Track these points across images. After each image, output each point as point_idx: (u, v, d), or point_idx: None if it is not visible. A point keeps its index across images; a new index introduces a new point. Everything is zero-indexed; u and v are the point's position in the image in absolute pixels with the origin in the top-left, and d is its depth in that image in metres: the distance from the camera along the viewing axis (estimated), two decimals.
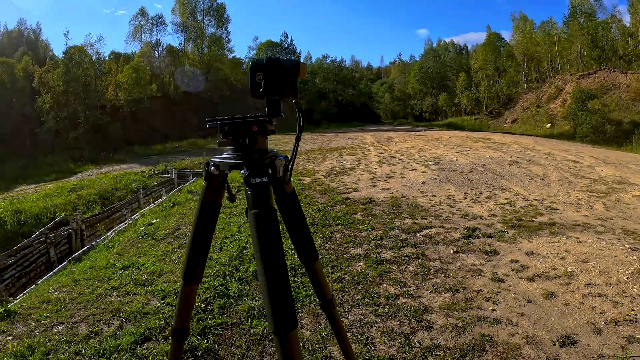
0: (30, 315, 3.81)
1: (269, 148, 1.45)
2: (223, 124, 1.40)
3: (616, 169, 11.55)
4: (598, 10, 47.92)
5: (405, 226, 6.35)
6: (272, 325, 1.19)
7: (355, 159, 14.06)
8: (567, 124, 36.26)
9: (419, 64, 69.84)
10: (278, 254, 1.24)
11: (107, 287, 4.40)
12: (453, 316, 3.66)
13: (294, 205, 1.53)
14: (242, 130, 1.39)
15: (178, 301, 1.61)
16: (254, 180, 1.32)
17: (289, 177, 1.46)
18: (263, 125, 1.38)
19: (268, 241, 1.25)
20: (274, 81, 1.35)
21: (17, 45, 53.01)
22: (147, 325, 3.48)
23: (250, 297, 3.98)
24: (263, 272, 1.22)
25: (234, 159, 1.40)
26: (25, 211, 15.81)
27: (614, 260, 4.83)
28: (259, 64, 1.36)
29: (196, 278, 1.53)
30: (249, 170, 1.34)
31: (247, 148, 1.39)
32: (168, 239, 6.23)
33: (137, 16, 52.70)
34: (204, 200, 1.49)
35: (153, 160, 28.28)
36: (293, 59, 1.38)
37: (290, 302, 1.22)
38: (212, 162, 1.45)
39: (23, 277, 10.03)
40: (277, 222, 1.30)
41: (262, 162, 1.37)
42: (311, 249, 1.58)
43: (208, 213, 1.50)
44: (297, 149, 1.42)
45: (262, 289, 1.22)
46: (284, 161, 1.43)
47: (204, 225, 1.49)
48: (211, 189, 1.48)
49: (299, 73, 1.37)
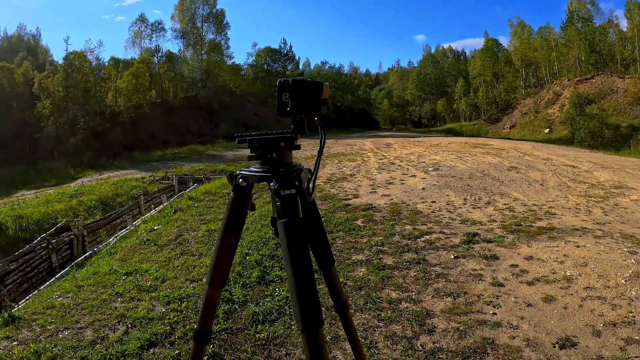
0: (35, 320, 3.84)
1: (293, 162, 1.54)
2: (252, 140, 1.49)
3: (614, 174, 11.62)
4: (595, 15, 48.40)
5: (405, 232, 6.40)
6: (301, 324, 1.28)
7: (355, 165, 14.11)
8: (565, 129, 36.44)
9: (418, 70, 70.14)
10: (305, 259, 1.34)
11: (111, 292, 4.43)
12: (455, 320, 3.72)
13: (314, 214, 1.64)
14: (270, 145, 1.48)
15: (202, 304, 1.67)
16: (283, 192, 1.41)
17: (313, 189, 1.55)
18: (290, 141, 1.48)
19: (297, 248, 1.34)
20: (300, 100, 1.45)
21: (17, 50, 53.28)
22: (152, 330, 3.52)
23: (254, 303, 4.03)
24: (292, 275, 1.31)
25: (263, 172, 1.49)
26: (26, 217, 15.85)
27: (612, 264, 4.89)
28: (286, 84, 1.45)
29: (222, 283, 1.62)
30: (278, 182, 1.43)
31: (275, 162, 1.49)
32: (171, 245, 6.27)
33: (136, 22, 53.20)
34: (232, 210, 1.56)
35: (153, 166, 28.30)
36: (316, 80, 1.47)
37: (317, 303, 1.30)
38: (240, 175, 1.53)
39: (25, 282, 10.06)
40: (304, 230, 1.40)
41: (290, 175, 1.47)
42: (328, 254, 1.68)
43: (235, 222, 1.57)
44: (320, 163, 1.50)
45: (291, 291, 1.31)
46: (308, 174, 1.53)
47: (231, 233, 1.57)
48: (239, 200, 1.56)
49: (322, 92, 1.48)
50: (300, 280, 1.30)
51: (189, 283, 4.60)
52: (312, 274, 1.32)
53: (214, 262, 1.59)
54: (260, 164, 1.51)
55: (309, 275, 1.32)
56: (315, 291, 1.31)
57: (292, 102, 1.44)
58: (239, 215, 1.57)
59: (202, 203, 9.13)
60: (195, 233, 6.76)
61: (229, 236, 1.57)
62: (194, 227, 7.16)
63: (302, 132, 1.48)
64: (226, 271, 1.61)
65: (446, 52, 73.01)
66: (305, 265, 1.33)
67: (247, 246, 5.70)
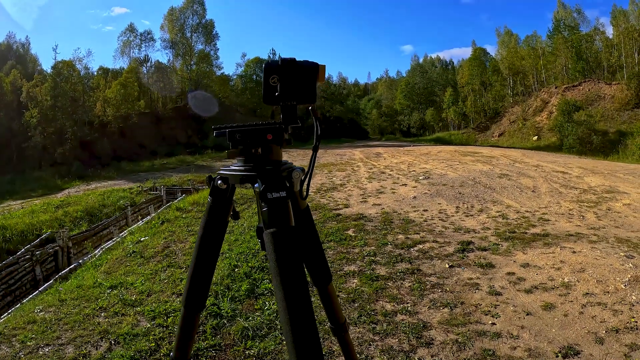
0: (15, 336, 3.66)
1: (283, 159, 1.29)
2: (233, 132, 1.24)
3: (605, 179, 11.65)
4: (581, 23, 49.17)
5: (398, 241, 6.28)
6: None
7: (345, 175, 14.01)
8: (553, 135, 36.76)
9: (406, 79, 70.57)
10: (300, 278, 1.09)
11: (95, 307, 4.25)
12: (453, 331, 3.59)
13: (308, 223, 1.38)
14: (255, 138, 1.23)
15: (178, 329, 1.40)
16: (270, 195, 1.16)
17: (307, 192, 1.31)
18: (279, 133, 1.23)
19: (288, 264, 1.09)
20: (291, 84, 1.20)
21: (5, 58, 52.76)
22: (137, 347, 3.35)
23: (243, 317, 3.87)
24: (283, 299, 1.06)
25: (246, 171, 1.24)
26: (10, 227, 15.50)
27: (610, 269, 4.82)
28: (273, 66, 1.20)
29: (200, 305, 1.36)
30: (264, 183, 1.18)
31: (261, 159, 1.24)
32: (157, 258, 6.08)
33: (126, 32, 52.89)
34: (209, 219, 1.32)
35: (141, 176, 28.02)
36: (310, 61, 1.22)
37: (315, 335, 1.06)
38: (218, 175, 1.29)
39: (8, 295, 9.77)
40: (297, 242, 1.15)
41: (280, 175, 1.22)
42: (325, 270, 1.44)
43: (214, 233, 1.32)
44: (315, 161, 1.28)
45: (283, 320, 1.06)
46: (301, 174, 1.27)
47: (208, 247, 1.32)
48: (217, 206, 1.32)
49: (318, 76, 1.23)
50: (295, 305, 1.05)
51: (175, 297, 4.42)
52: (309, 297, 1.09)
53: (190, 279, 1.33)
54: (243, 162, 1.26)
55: (305, 298, 1.06)
56: (313, 319, 1.06)
57: (281, 86, 1.19)
58: (219, 224, 1.32)
59: (190, 214, 8.95)
60: (183, 245, 6.58)
61: (207, 249, 1.32)
62: (181, 238, 6.98)
63: (293, 123, 1.23)
64: (205, 290, 1.35)
65: (434, 62, 73.50)
66: (300, 286, 1.07)
67: (236, 258, 5.53)
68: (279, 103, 1.21)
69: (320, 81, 1.23)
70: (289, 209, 1.17)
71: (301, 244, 1.30)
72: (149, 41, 53.21)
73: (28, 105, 39.31)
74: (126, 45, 52.24)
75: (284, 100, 1.21)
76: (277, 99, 1.20)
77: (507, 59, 53.06)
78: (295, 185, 1.27)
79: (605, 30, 47.90)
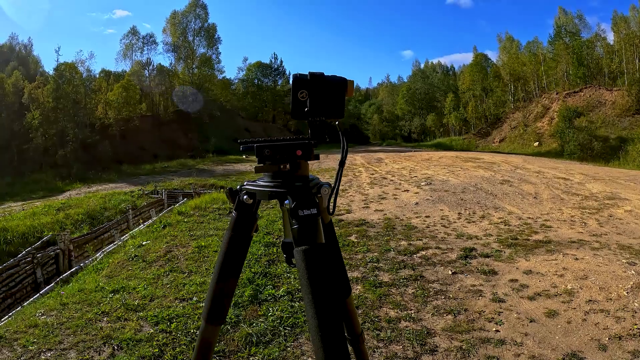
0: (17, 340, 3.65)
1: (310, 175, 1.30)
2: (261, 147, 1.22)
3: (606, 185, 11.64)
4: (582, 29, 49.20)
5: (401, 248, 6.27)
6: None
7: (347, 180, 13.99)
8: (554, 142, 36.76)
9: (407, 85, 70.71)
10: (331, 295, 1.09)
11: (97, 311, 4.24)
12: (457, 338, 3.58)
13: (331, 237, 1.38)
14: (284, 154, 1.22)
15: (197, 344, 1.39)
16: (302, 212, 1.15)
17: (334, 208, 1.30)
18: (308, 149, 1.23)
19: (321, 282, 1.09)
20: (320, 99, 1.20)
21: (7, 59, 52.76)
22: (140, 353, 3.34)
23: (247, 324, 3.86)
24: (315, 317, 1.06)
25: (275, 187, 1.23)
26: (11, 229, 15.45)
27: (612, 276, 4.82)
28: (303, 80, 1.19)
29: (222, 317, 1.35)
30: (295, 200, 1.17)
31: (290, 175, 1.24)
32: (159, 262, 6.07)
33: (128, 35, 52.96)
34: (234, 234, 1.30)
35: (142, 180, 28.00)
36: (338, 76, 1.23)
37: (345, 351, 1.06)
38: (244, 190, 1.28)
39: (8, 297, 9.75)
40: (329, 259, 1.16)
41: (310, 192, 1.22)
42: (345, 283, 1.45)
43: (238, 248, 1.31)
44: (341, 175, 1.28)
45: (314, 338, 1.06)
46: (329, 189, 1.28)
47: (232, 261, 1.31)
48: (243, 221, 1.29)
49: (347, 91, 1.24)
50: (327, 324, 1.05)
51: (178, 302, 4.41)
52: (340, 314, 1.09)
53: (212, 294, 1.32)
54: (271, 177, 1.25)
55: (336, 316, 1.07)
56: (343, 338, 1.07)
57: (310, 101, 1.19)
58: (243, 238, 1.30)
59: (192, 218, 8.93)
60: (185, 249, 6.57)
61: (230, 263, 1.30)
62: (183, 243, 6.97)
63: (321, 140, 1.23)
64: (227, 303, 1.34)
65: (435, 67, 73.62)
66: (333, 303, 1.08)
67: None
68: (308, 118, 1.21)
69: (349, 95, 1.23)
70: (320, 226, 1.17)
71: (331, 261, 1.29)
72: (151, 44, 53.34)
73: (30, 106, 39.31)
74: (128, 48, 52.34)
75: (313, 116, 1.20)
76: (307, 114, 1.20)
77: (508, 64, 53.13)
78: (324, 202, 1.27)
79: (606, 36, 48.02)
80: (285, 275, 5.05)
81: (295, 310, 4.10)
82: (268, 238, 6.60)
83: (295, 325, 3.79)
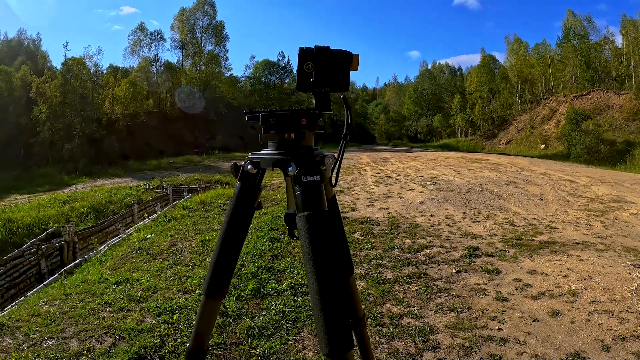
0: (19, 328, 3.66)
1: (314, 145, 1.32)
2: (267, 116, 1.25)
3: (612, 188, 11.56)
4: (591, 32, 48.93)
5: (405, 246, 6.26)
6: (326, 347, 1.04)
7: (352, 179, 13.96)
8: (561, 144, 36.61)
9: (414, 85, 70.52)
10: (334, 262, 1.09)
11: (100, 302, 4.25)
12: (459, 336, 3.56)
13: (334, 212, 1.38)
14: (289, 123, 1.25)
15: (197, 318, 1.39)
16: (305, 178, 1.17)
17: (336, 179, 1.31)
18: (313, 119, 1.25)
19: (323, 248, 1.09)
20: (325, 71, 1.22)
21: (16, 54, 53.17)
22: (141, 343, 3.35)
23: (249, 317, 3.85)
24: (316, 284, 1.06)
25: (279, 155, 1.25)
26: (17, 221, 15.53)
27: (617, 277, 4.79)
28: (308, 52, 1.22)
29: (221, 293, 1.35)
30: (299, 167, 1.19)
31: (294, 143, 1.26)
32: (163, 255, 6.09)
33: (136, 31, 53.25)
34: (237, 204, 1.31)
35: (148, 175, 28.11)
36: (343, 50, 1.25)
37: (346, 320, 1.06)
38: (248, 159, 1.29)
39: (12, 288, 9.81)
40: (331, 225, 1.15)
41: (313, 159, 1.24)
42: (347, 261, 1.44)
43: (241, 219, 1.31)
44: (344, 148, 1.29)
45: (314, 304, 1.06)
46: (333, 160, 1.28)
47: (235, 233, 1.31)
48: (246, 191, 1.31)
49: (352, 64, 1.25)
50: (327, 290, 1.04)
51: (181, 294, 4.42)
52: (342, 281, 1.09)
53: (213, 266, 1.32)
54: (275, 146, 1.27)
55: (337, 284, 1.06)
56: (345, 305, 1.07)
57: (316, 72, 1.21)
58: (246, 210, 1.31)
59: (196, 213, 8.96)
60: (189, 243, 6.58)
61: (233, 235, 1.30)
62: (187, 237, 6.99)
63: (326, 110, 1.24)
64: (228, 277, 1.33)
65: (443, 68, 73.40)
66: (334, 271, 1.06)
67: (242, 257, 5.53)
68: (313, 90, 1.22)
69: (354, 69, 1.25)
70: (323, 193, 1.18)
71: (334, 229, 1.28)
72: (159, 41, 53.59)
73: (37, 100, 39.54)
74: (136, 44, 52.57)
75: (318, 87, 1.22)
76: (312, 85, 1.21)
77: (516, 66, 52.94)
78: (327, 171, 1.28)
79: (614, 39, 47.79)
80: (288, 270, 5.05)
81: (298, 304, 4.09)
82: (272, 234, 6.60)
83: (297, 320, 3.78)
